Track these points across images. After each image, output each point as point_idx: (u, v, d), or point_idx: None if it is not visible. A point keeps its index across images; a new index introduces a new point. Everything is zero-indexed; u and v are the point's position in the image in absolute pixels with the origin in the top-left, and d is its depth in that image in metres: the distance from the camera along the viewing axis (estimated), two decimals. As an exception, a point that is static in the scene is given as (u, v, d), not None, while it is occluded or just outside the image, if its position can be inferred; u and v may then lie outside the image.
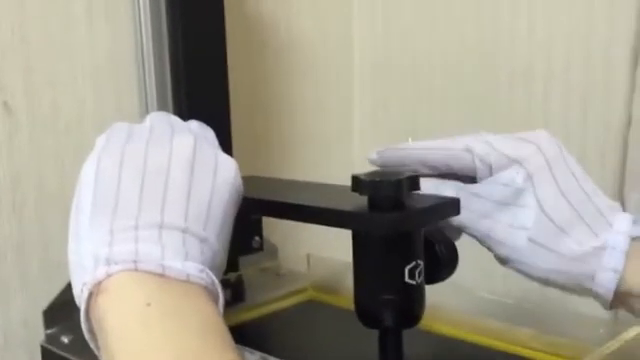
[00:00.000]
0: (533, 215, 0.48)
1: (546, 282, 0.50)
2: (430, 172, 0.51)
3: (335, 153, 0.94)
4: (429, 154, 0.51)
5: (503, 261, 0.50)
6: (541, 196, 0.48)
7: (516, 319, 0.53)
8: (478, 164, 0.49)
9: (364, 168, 0.47)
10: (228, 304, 0.40)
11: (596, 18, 0.73)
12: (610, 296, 0.47)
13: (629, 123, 0.72)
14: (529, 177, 0.48)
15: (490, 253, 0.51)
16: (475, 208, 0.49)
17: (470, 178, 0.50)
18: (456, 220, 0.49)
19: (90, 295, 0.36)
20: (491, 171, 0.49)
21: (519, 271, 0.50)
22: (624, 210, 0.51)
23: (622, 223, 0.48)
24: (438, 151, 0.51)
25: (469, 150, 0.50)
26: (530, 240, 0.48)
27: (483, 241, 0.50)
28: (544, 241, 0.48)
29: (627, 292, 0.48)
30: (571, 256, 0.48)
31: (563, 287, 0.49)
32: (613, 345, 0.46)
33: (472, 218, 0.49)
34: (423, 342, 0.55)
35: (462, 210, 0.47)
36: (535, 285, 0.51)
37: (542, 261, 0.48)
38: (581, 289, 0.49)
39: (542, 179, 0.48)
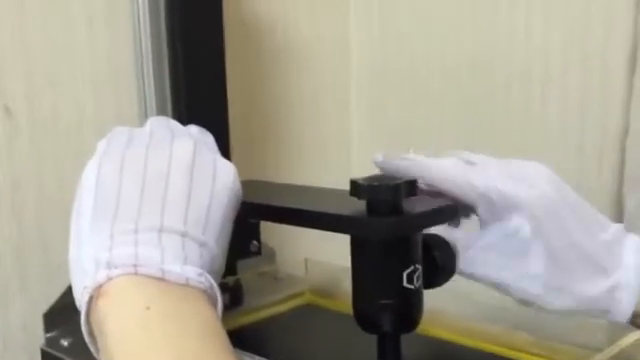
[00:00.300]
0: (543, 263, 0.49)
1: (565, 314, 0.52)
2: (427, 188, 0.52)
3: (332, 157, 0.94)
4: (429, 174, 0.52)
5: (521, 303, 0.52)
6: (549, 243, 0.49)
7: (514, 324, 0.53)
8: (477, 198, 0.50)
9: (361, 171, 0.47)
10: (226, 308, 0.40)
11: (593, 23, 0.74)
12: (626, 322, 0.50)
13: (627, 128, 0.72)
14: (537, 225, 0.49)
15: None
16: (490, 262, 0.51)
17: (467, 205, 0.51)
18: (469, 272, 0.51)
19: (90, 298, 0.36)
20: (493, 211, 0.50)
21: (538, 309, 0.52)
22: (623, 213, 0.52)
23: (630, 257, 0.50)
24: (439, 174, 0.52)
25: (469, 183, 0.50)
26: (545, 286, 0.50)
27: (500, 290, 0.52)
28: (558, 285, 0.50)
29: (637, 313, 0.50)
30: (586, 295, 0.50)
31: (582, 315, 0.52)
32: (612, 351, 0.46)
33: (488, 273, 0.51)
34: (421, 347, 0.55)
35: (476, 264, 0.50)
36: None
37: (559, 301, 0.50)
38: (599, 316, 0.51)
39: (548, 224, 0.49)
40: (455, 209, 0.46)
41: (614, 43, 0.73)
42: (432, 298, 0.48)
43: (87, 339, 0.37)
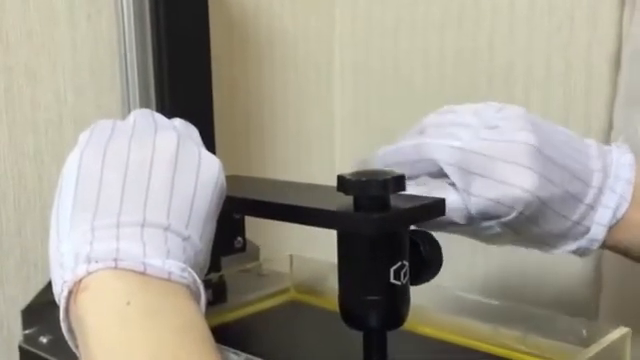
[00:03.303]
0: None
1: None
2: None
3: (316, 151, 0.93)
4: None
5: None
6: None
7: (500, 321, 0.53)
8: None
9: (345, 166, 0.46)
10: (210, 305, 0.40)
11: (577, 21, 0.73)
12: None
13: (610, 126, 0.72)
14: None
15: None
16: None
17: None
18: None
19: (70, 293, 0.36)
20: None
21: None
22: None
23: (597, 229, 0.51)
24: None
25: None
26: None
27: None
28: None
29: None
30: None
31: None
32: (597, 347, 0.46)
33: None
34: (407, 343, 0.54)
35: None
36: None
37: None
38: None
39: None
40: (443, 204, 0.46)
41: (598, 41, 0.73)
42: (419, 294, 0.47)
43: (66, 335, 0.37)
